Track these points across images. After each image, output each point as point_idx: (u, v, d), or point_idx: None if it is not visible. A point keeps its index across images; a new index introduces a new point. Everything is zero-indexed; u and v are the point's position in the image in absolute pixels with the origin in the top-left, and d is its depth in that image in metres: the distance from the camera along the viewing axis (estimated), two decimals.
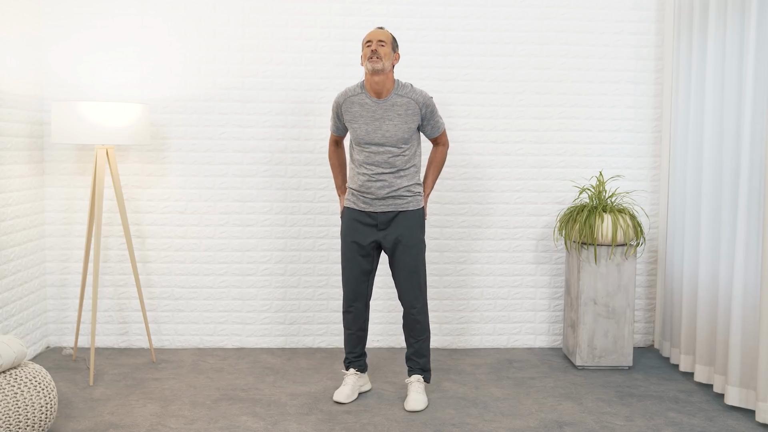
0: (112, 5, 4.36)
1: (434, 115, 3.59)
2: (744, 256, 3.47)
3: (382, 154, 3.50)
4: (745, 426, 3.37)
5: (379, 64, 3.40)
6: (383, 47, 3.43)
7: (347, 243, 3.61)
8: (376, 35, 3.45)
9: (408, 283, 3.57)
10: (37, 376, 3.02)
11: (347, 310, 3.68)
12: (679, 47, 4.24)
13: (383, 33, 3.48)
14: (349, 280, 3.63)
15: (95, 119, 3.77)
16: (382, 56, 3.41)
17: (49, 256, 4.47)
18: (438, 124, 3.63)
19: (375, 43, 3.43)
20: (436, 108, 3.59)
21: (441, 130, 3.65)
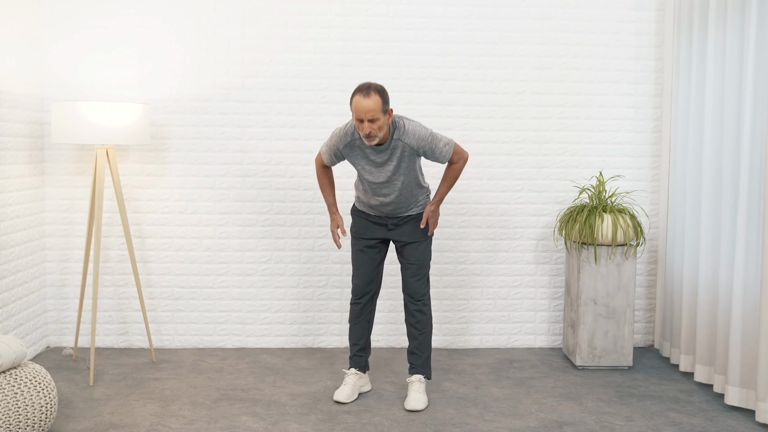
0: (112, 5, 4.36)
1: (434, 149, 3.43)
2: (744, 256, 3.47)
3: (389, 187, 3.53)
4: (745, 426, 3.37)
5: (375, 140, 3.32)
6: (375, 122, 3.24)
7: (357, 238, 3.70)
8: (364, 111, 3.21)
9: (415, 275, 3.63)
10: (37, 376, 3.02)
11: (356, 302, 3.72)
12: (679, 47, 4.24)
13: (371, 103, 3.20)
14: (359, 272, 3.69)
15: (95, 119, 3.77)
16: (376, 132, 3.27)
17: (49, 256, 4.47)
18: (442, 153, 3.45)
19: (366, 124, 3.24)
20: (434, 140, 3.41)
21: (448, 156, 3.47)
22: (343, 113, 4.48)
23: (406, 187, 3.53)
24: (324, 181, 3.69)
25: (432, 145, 3.42)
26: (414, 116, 4.49)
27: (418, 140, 3.39)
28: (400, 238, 3.64)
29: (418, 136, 3.39)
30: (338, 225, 3.67)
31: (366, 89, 3.24)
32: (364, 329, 3.74)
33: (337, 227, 3.67)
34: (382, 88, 3.28)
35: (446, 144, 3.45)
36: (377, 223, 3.66)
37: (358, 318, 3.73)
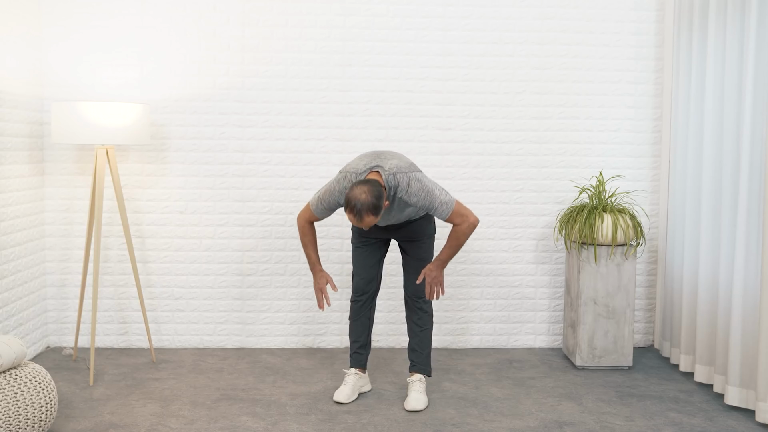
0: (112, 5, 4.36)
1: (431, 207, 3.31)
2: (744, 256, 3.47)
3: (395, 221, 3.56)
4: (745, 426, 3.37)
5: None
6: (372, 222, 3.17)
7: (356, 236, 3.71)
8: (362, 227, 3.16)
9: (418, 271, 3.64)
10: (37, 376, 3.02)
11: (356, 299, 3.71)
12: (679, 47, 4.24)
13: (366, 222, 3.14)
14: (360, 270, 3.69)
15: (95, 119, 3.77)
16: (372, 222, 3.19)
17: (49, 256, 4.47)
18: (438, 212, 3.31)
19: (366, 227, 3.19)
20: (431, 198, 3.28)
21: (445, 216, 3.31)
22: (343, 113, 4.48)
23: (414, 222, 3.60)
24: (309, 238, 3.51)
25: (428, 203, 3.29)
26: (414, 116, 4.49)
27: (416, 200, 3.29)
28: (401, 237, 3.65)
29: (417, 194, 3.28)
30: (327, 281, 3.47)
31: (358, 213, 3.11)
32: (364, 326, 3.74)
33: (327, 283, 3.48)
34: (373, 206, 3.11)
35: (443, 203, 3.29)
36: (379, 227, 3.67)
37: (359, 315, 3.73)
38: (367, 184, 3.15)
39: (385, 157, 3.37)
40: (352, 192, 3.13)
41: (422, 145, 4.53)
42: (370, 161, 3.36)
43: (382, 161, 3.34)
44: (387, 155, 3.40)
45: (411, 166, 3.36)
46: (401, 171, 3.30)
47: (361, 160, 3.39)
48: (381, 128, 4.50)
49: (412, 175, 3.30)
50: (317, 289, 3.50)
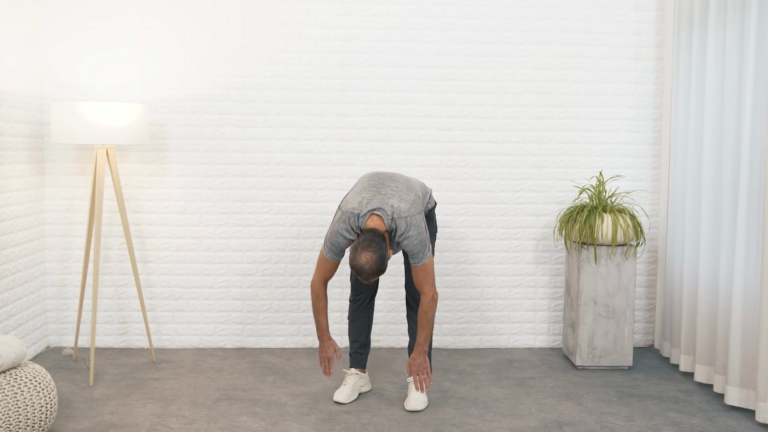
0: (112, 5, 4.36)
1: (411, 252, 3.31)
2: (744, 256, 3.47)
3: None
4: (745, 426, 3.37)
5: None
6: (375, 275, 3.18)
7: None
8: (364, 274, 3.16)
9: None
10: (37, 376, 3.02)
11: (354, 299, 3.72)
12: (679, 47, 4.24)
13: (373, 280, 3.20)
14: None
15: (95, 119, 3.77)
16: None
17: (49, 256, 4.47)
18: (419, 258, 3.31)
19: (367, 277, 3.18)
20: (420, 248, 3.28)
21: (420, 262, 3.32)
22: (343, 113, 4.48)
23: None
24: (322, 304, 3.48)
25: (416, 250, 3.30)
26: (414, 116, 4.49)
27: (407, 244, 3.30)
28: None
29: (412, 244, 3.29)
30: (335, 349, 3.48)
31: (366, 278, 3.16)
32: (364, 325, 3.74)
33: (334, 351, 3.48)
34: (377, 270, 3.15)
35: (425, 255, 3.32)
36: None
37: (358, 315, 3.73)
38: (370, 248, 3.13)
39: (385, 193, 3.30)
40: (359, 260, 3.14)
41: (422, 145, 4.53)
42: (371, 199, 3.28)
43: (383, 201, 3.27)
44: (388, 189, 3.31)
45: (412, 205, 3.30)
46: (401, 216, 3.26)
47: (362, 197, 3.31)
48: (381, 128, 4.50)
49: (411, 220, 3.27)
50: (324, 357, 3.48)
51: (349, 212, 3.30)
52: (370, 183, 3.38)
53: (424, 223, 3.35)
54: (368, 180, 3.43)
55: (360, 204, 3.29)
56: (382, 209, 3.26)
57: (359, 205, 3.29)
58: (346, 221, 3.31)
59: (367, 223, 3.25)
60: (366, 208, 3.27)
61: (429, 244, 3.35)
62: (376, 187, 3.34)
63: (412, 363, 3.45)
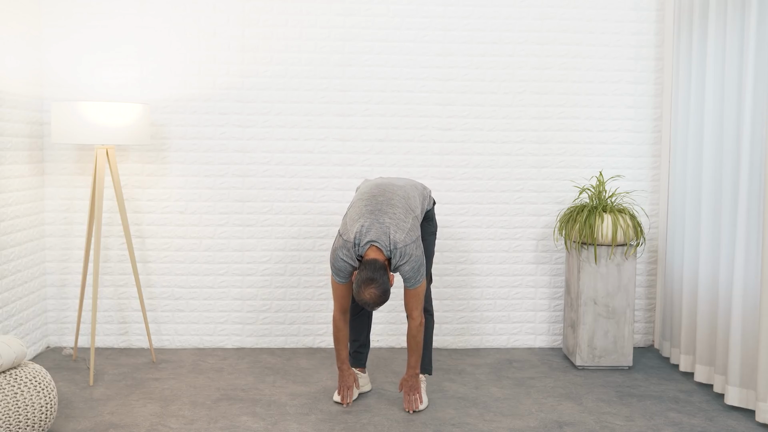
0: (112, 5, 4.36)
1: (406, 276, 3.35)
2: (744, 256, 3.47)
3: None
4: (745, 426, 3.37)
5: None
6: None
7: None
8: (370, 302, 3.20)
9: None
10: (37, 376, 3.02)
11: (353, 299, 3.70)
12: (679, 47, 4.24)
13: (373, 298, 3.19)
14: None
15: (95, 119, 3.77)
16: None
17: (49, 256, 4.47)
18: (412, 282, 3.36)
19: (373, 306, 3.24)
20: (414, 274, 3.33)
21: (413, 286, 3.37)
22: (343, 113, 4.48)
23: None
24: (342, 334, 3.54)
25: (410, 275, 3.34)
26: (414, 116, 4.49)
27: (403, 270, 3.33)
28: None
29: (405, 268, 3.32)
30: (355, 378, 3.59)
31: (371, 308, 3.24)
32: (364, 325, 3.74)
33: (354, 380, 3.58)
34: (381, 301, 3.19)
35: (418, 281, 3.37)
36: None
37: (357, 314, 3.73)
38: (372, 285, 3.17)
39: (383, 222, 3.28)
40: (363, 295, 3.18)
41: (422, 145, 4.53)
42: (369, 228, 3.27)
43: (381, 230, 3.26)
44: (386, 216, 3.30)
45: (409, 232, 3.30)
46: (397, 247, 3.27)
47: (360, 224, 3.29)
48: (381, 128, 4.50)
49: (406, 250, 3.29)
50: (343, 386, 3.57)
51: (349, 242, 3.32)
52: (368, 208, 3.35)
53: (421, 250, 3.36)
54: (366, 202, 3.38)
55: (359, 233, 3.29)
56: (380, 241, 3.26)
57: (358, 234, 3.29)
58: (347, 249, 3.33)
59: (367, 253, 3.28)
60: (365, 239, 3.27)
61: (424, 270, 3.38)
62: (374, 214, 3.31)
63: (404, 383, 3.52)
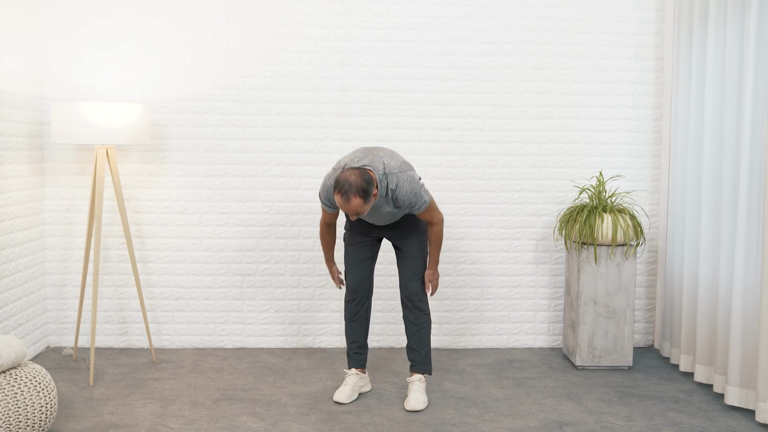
0: (112, 5, 4.36)
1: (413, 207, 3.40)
2: (744, 256, 3.47)
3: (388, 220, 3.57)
4: (745, 426, 3.37)
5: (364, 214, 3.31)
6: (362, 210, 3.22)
7: (349, 232, 3.71)
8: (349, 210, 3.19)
9: (413, 271, 3.64)
10: (37, 376, 3.02)
11: (350, 299, 3.71)
12: (679, 47, 4.24)
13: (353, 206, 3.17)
14: (352, 270, 3.69)
15: (95, 119, 3.77)
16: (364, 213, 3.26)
17: (49, 256, 4.47)
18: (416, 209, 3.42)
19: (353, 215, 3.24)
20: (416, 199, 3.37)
21: (419, 212, 3.45)
22: (343, 113, 4.48)
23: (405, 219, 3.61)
24: (326, 241, 3.67)
25: (413, 203, 3.38)
26: (414, 116, 4.49)
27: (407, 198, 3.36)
28: (394, 234, 3.64)
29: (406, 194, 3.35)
30: (339, 272, 3.81)
31: (345, 194, 3.16)
32: (362, 327, 3.74)
33: (338, 274, 3.80)
34: (361, 188, 3.16)
35: (424, 203, 3.41)
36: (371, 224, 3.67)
37: (355, 315, 3.72)
38: (358, 170, 3.21)
39: (377, 155, 3.38)
40: (342, 174, 3.20)
41: (422, 145, 4.53)
42: (363, 158, 3.36)
43: (375, 160, 3.35)
44: (380, 152, 3.40)
45: (402, 164, 3.39)
46: (392, 172, 3.33)
47: (354, 155, 3.40)
48: (381, 128, 4.50)
49: (402, 176, 3.35)
50: (333, 277, 3.81)
51: (341, 166, 3.34)
52: (361, 148, 3.48)
53: (417, 176, 3.42)
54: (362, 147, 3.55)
55: (352, 160, 3.35)
56: (374, 166, 3.31)
57: (351, 161, 3.35)
58: (335, 173, 3.37)
59: None
60: (359, 164, 3.32)
61: (426, 192, 3.43)
62: (368, 150, 3.42)
63: (427, 274, 3.66)
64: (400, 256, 3.66)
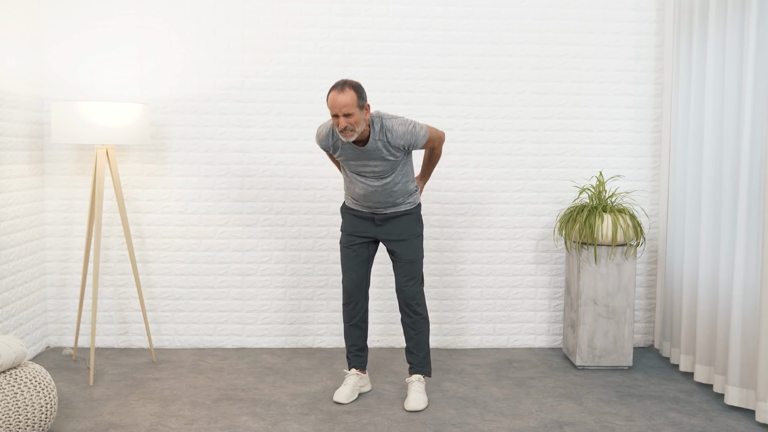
0: (112, 5, 4.36)
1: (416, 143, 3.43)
2: (744, 256, 3.47)
3: (375, 179, 3.51)
4: (745, 426, 3.37)
5: (353, 136, 3.29)
6: (350, 117, 3.24)
7: (345, 234, 3.69)
8: (339, 106, 3.23)
9: (408, 275, 3.61)
10: (37, 376, 3.02)
11: (347, 302, 3.70)
12: (679, 47, 4.24)
13: (346, 98, 3.23)
14: (348, 272, 3.67)
15: (95, 119, 3.77)
16: (353, 126, 3.27)
17: (49, 256, 4.47)
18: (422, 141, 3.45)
19: (342, 119, 3.25)
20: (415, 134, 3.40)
21: (425, 142, 3.47)
22: None
23: (395, 185, 3.52)
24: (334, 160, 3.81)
25: (413, 139, 3.41)
26: (414, 116, 4.49)
27: (404, 138, 3.38)
28: (389, 236, 3.61)
29: (402, 135, 3.38)
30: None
31: (341, 85, 3.27)
32: (360, 330, 3.73)
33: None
34: (357, 84, 3.30)
35: (424, 135, 3.45)
36: (365, 218, 3.63)
37: (352, 319, 3.71)
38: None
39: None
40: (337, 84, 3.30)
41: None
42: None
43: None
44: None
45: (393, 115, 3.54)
46: (384, 116, 3.41)
47: None
48: None
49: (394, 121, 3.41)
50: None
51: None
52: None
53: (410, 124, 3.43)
54: None
55: None
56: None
57: None
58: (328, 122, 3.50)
59: None
60: None
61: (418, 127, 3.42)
62: None
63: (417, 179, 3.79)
64: (395, 260, 3.64)
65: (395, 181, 3.51)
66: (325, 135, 3.50)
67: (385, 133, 3.37)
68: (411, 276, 3.62)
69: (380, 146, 3.39)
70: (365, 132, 3.36)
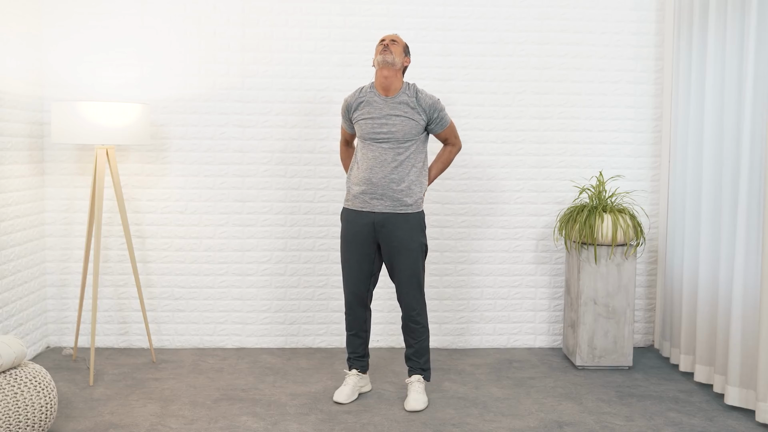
0: (112, 5, 4.36)
1: (441, 117, 3.61)
2: (744, 256, 3.47)
3: (387, 152, 3.50)
4: (745, 426, 3.37)
5: (390, 57, 3.50)
6: (395, 45, 3.55)
7: (346, 244, 3.62)
8: (389, 35, 3.60)
9: (408, 286, 3.57)
10: (37, 376, 3.02)
11: (347, 312, 3.69)
12: (679, 47, 4.24)
13: (397, 36, 3.61)
14: (348, 282, 3.63)
15: (95, 119, 3.77)
16: (393, 51, 3.51)
17: (49, 256, 4.47)
18: (444, 121, 3.63)
19: (388, 41, 3.55)
20: (441, 107, 3.60)
21: (446, 125, 3.63)
22: None
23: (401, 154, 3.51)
24: (345, 159, 3.88)
25: (439, 110, 3.59)
26: None
27: (432, 103, 3.57)
28: (389, 239, 3.53)
29: (431, 100, 3.58)
30: None
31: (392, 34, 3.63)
32: (361, 339, 3.72)
33: None
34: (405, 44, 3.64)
35: (448, 118, 3.66)
36: (365, 223, 3.55)
37: (353, 328, 3.70)
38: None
39: None
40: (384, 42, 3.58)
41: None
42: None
43: None
44: None
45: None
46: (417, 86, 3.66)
47: None
48: None
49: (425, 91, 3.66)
50: None
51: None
52: None
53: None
54: None
55: None
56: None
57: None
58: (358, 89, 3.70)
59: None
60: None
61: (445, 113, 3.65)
62: None
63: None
64: (393, 275, 3.60)
65: (406, 158, 3.51)
66: (355, 91, 3.68)
67: (416, 92, 3.58)
68: (410, 286, 3.57)
69: (407, 99, 3.55)
70: (398, 85, 3.56)
